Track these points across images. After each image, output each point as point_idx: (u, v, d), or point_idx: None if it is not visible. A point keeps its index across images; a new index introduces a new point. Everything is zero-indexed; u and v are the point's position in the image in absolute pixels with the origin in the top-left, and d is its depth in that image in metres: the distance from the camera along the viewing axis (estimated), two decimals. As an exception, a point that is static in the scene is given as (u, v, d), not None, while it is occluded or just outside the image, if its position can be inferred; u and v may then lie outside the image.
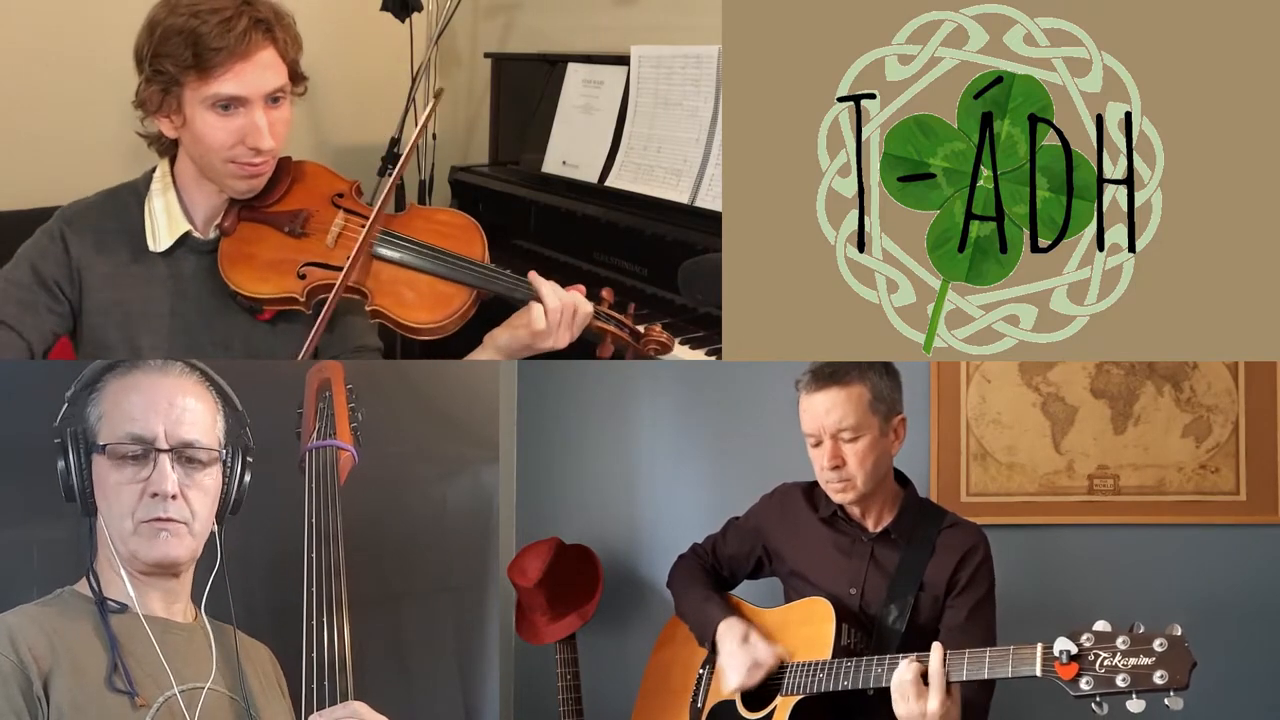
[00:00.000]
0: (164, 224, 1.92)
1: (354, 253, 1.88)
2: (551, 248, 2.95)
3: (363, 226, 1.90)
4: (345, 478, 1.91)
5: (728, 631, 2.03)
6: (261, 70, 1.83)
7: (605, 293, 2.00)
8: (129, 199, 1.95)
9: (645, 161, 2.74)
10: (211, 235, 1.94)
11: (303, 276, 1.89)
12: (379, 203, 1.93)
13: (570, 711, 2.43)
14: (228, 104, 1.82)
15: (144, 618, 1.52)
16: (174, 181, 1.94)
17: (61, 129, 2.89)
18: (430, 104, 1.98)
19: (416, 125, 3.38)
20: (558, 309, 1.91)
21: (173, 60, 1.80)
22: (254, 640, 1.66)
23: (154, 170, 1.97)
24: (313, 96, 3.35)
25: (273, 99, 1.85)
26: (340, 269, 1.89)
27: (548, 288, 1.92)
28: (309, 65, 1.93)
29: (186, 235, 1.93)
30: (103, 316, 1.91)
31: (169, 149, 1.94)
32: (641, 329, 2.02)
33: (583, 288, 1.96)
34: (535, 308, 1.91)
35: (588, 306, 1.94)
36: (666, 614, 2.24)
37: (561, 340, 1.93)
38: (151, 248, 1.92)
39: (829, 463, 1.99)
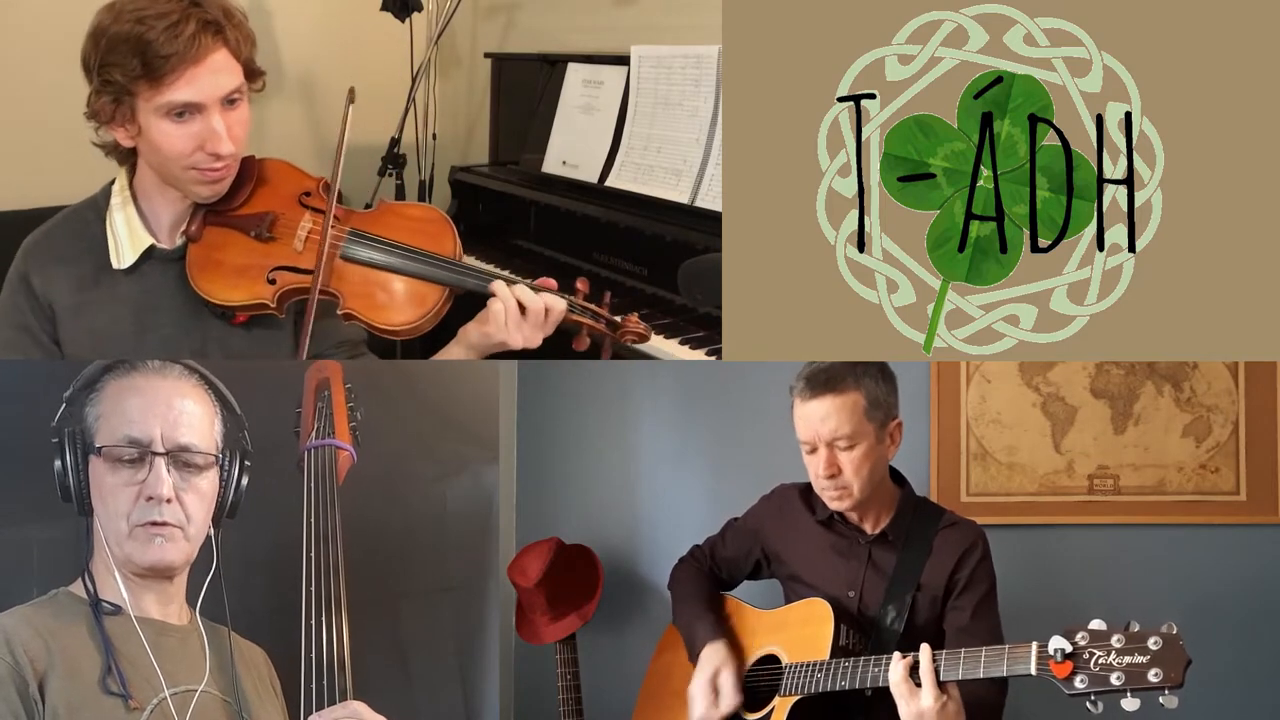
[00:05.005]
0: (126, 240, 1.88)
1: (320, 260, 1.84)
2: (551, 248, 2.95)
3: (330, 227, 1.86)
4: (344, 477, 1.90)
5: (705, 661, 2.01)
6: (214, 74, 1.76)
7: (580, 284, 1.97)
8: (89, 216, 1.91)
9: (645, 161, 2.74)
10: (178, 243, 1.90)
11: (272, 281, 1.86)
12: (330, 207, 1.88)
13: (570, 711, 2.43)
14: (182, 111, 1.76)
15: (137, 620, 1.51)
16: (134, 193, 1.90)
17: (61, 129, 2.89)
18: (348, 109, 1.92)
19: (417, 125, 3.41)
20: (500, 311, 1.86)
21: (121, 70, 1.74)
22: (248, 642, 1.66)
23: (113, 183, 1.92)
24: (313, 97, 3.38)
25: (229, 101, 1.79)
26: (309, 272, 1.85)
27: (498, 285, 1.88)
28: (309, 66, 1.92)
29: (151, 248, 1.89)
30: (76, 345, 1.87)
31: (128, 157, 1.89)
32: (618, 319, 1.98)
33: (553, 282, 1.93)
34: (493, 305, 1.88)
35: (559, 304, 1.90)
36: (666, 614, 2.24)
37: (533, 339, 1.89)
38: (116, 265, 1.88)
39: (825, 471, 1.97)
